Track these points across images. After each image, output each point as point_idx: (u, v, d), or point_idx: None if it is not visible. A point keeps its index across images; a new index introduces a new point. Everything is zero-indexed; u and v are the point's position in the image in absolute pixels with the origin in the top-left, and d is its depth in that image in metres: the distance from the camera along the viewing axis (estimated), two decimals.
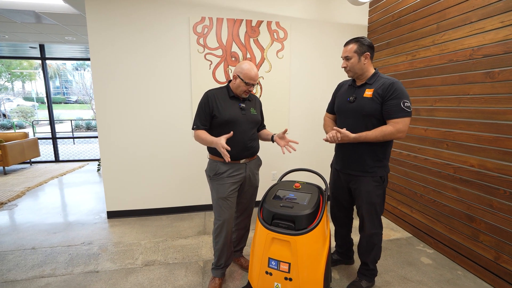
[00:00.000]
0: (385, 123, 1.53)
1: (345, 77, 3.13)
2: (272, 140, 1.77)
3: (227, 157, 1.41)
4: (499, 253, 1.76)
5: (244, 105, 1.68)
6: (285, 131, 1.68)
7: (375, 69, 1.63)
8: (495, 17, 1.74)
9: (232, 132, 1.50)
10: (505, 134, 1.71)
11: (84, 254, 2.19)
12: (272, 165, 3.06)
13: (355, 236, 1.94)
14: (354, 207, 1.84)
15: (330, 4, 2.96)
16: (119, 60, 2.61)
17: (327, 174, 1.95)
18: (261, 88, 2.92)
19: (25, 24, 3.80)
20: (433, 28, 2.20)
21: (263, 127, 1.91)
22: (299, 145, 3.15)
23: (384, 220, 2.73)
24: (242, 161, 1.66)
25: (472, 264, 1.95)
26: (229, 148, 1.43)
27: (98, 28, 2.53)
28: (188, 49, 2.71)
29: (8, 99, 17.74)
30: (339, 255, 2.02)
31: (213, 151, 1.67)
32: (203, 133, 1.60)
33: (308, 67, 3.02)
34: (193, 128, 1.64)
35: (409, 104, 1.47)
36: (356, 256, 2.08)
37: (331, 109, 1.85)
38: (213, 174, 1.65)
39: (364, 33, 3.07)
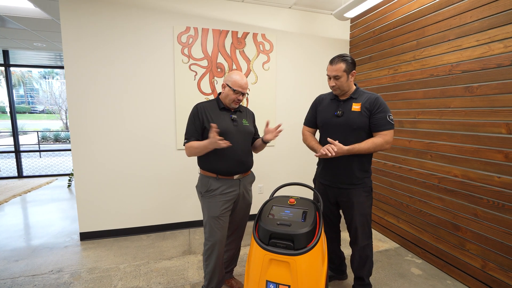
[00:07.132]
0: (371, 135, 1.60)
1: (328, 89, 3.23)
2: (264, 141, 1.69)
3: (225, 143, 1.40)
4: (486, 261, 1.81)
5: (235, 116, 1.62)
6: (267, 123, 1.69)
7: (355, 84, 1.69)
8: (471, 36, 1.86)
9: (229, 142, 1.43)
10: (486, 145, 1.79)
11: (53, 284, 1.94)
12: (259, 178, 2.99)
13: (345, 249, 1.91)
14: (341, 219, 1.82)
15: (314, 19, 3.03)
16: (96, 69, 2.44)
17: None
18: (247, 100, 2.87)
19: None
20: (413, 44, 2.31)
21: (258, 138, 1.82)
22: (286, 159, 3.12)
23: (372, 231, 2.74)
24: (235, 177, 1.58)
25: (460, 273, 1.98)
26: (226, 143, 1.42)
27: (73, 35, 2.36)
28: (172, 59, 2.61)
29: None
30: (332, 271, 1.97)
31: (204, 165, 1.58)
32: (195, 143, 1.51)
33: (293, 79, 3.03)
34: (184, 143, 1.54)
35: (392, 117, 1.59)
36: (349, 271, 2.04)
37: (311, 123, 1.82)
38: (204, 191, 1.55)
39: (346, 47, 3.17)
